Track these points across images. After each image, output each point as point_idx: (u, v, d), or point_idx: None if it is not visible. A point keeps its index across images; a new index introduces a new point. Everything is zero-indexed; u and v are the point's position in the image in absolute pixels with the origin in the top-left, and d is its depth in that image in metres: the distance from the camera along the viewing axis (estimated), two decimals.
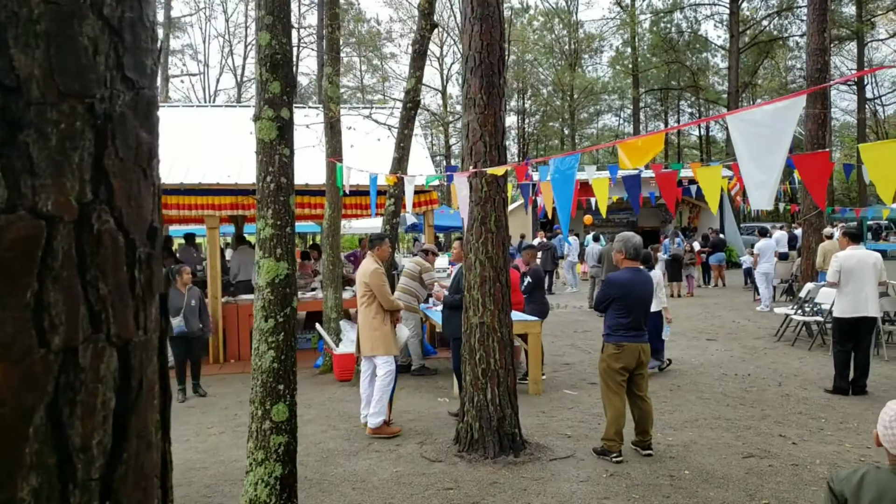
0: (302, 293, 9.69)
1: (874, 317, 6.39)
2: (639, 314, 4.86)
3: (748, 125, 2.58)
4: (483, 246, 4.86)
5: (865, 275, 6.34)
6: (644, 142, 3.42)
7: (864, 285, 6.32)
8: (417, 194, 9.24)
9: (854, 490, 2.04)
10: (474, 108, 4.91)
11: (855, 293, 6.32)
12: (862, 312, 6.30)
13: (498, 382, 4.79)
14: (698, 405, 6.25)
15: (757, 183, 2.61)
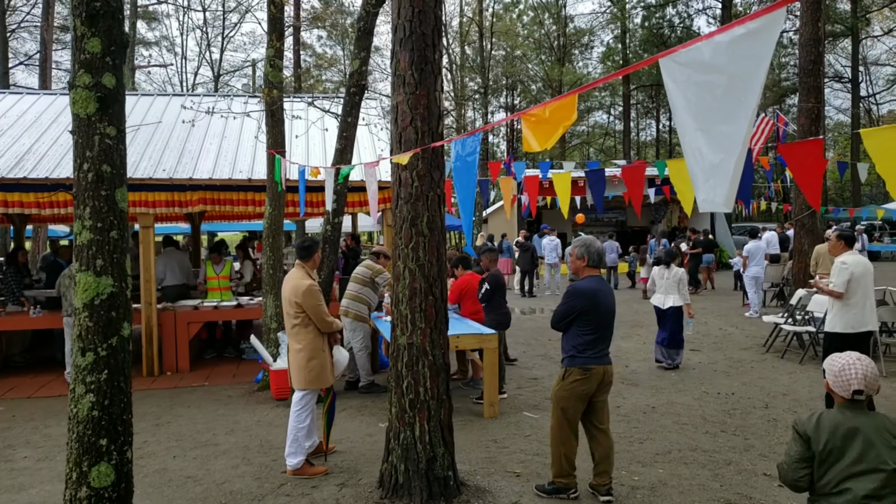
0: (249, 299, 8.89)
1: (875, 330, 5.65)
2: (606, 330, 4.10)
3: (692, 71, 1.70)
4: (413, 252, 4.07)
5: (870, 284, 5.59)
6: (553, 110, 2.62)
7: (869, 295, 5.58)
8: (381, 190, 8.44)
9: (814, 428, 2.47)
10: (404, 87, 4.12)
11: (862, 305, 5.55)
12: (868, 326, 5.55)
13: (429, 416, 4.01)
14: (674, 432, 5.49)
15: (708, 168, 1.74)
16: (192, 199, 7.99)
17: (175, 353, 8.17)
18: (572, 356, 4.04)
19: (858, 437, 2.40)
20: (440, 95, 4.19)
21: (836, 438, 2.41)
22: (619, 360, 8.45)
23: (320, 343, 4.55)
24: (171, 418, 6.15)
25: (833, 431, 2.42)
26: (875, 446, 2.38)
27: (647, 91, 38.40)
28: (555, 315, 4.13)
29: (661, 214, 27.39)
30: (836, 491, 2.39)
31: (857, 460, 2.37)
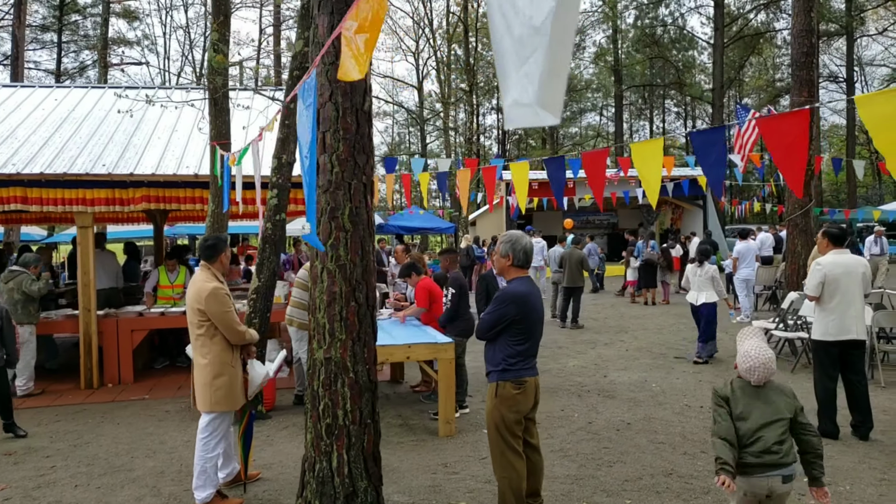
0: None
1: (864, 340, 5.04)
2: (537, 337, 3.56)
3: None
4: (332, 250, 3.47)
5: (853, 287, 4.98)
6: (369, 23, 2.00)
7: (853, 300, 4.97)
8: None
9: (730, 393, 2.94)
10: (323, 57, 3.52)
11: (842, 311, 4.96)
12: (850, 335, 4.96)
13: (348, 444, 3.40)
14: (649, 453, 4.89)
15: (515, 53, 1.11)
16: (134, 196, 7.37)
17: (117, 363, 7.54)
18: (504, 369, 3.47)
19: (762, 396, 2.89)
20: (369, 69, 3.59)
21: (746, 398, 2.90)
22: (598, 370, 7.86)
23: (229, 357, 3.93)
24: (92, 438, 5.52)
25: (743, 394, 2.91)
26: (775, 402, 2.87)
27: (639, 92, 37.93)
28: (482, 323, 3.56)
29: (653, 216, 26.86)
30: (751, 441, 2.81)
31: (764, 414, 2.84)
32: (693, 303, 8.21)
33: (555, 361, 8.46)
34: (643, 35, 34.72)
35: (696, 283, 8.22)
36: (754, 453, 2.77)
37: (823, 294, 5.05)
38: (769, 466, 2.76)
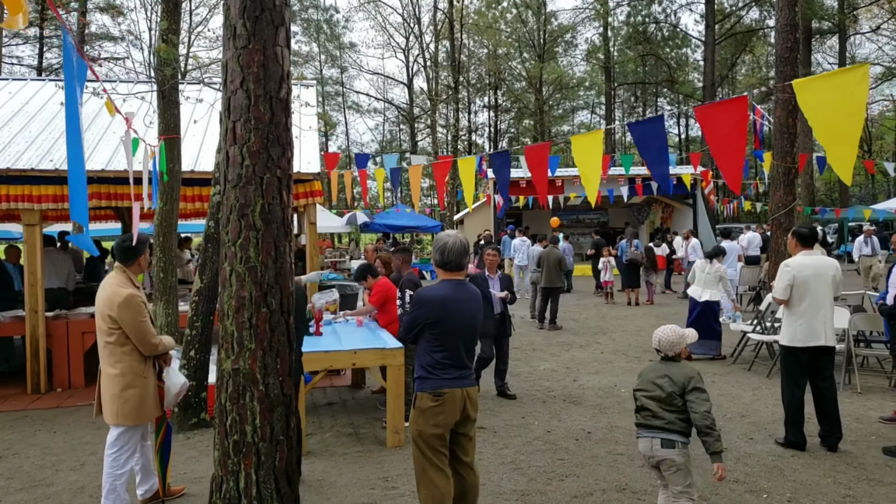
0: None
1: (832, 345, 4.77)
2: (461, 346, 3.26)
3: None
4: (242, 251, 3.18)
5: (823, 290, 4.71)
6: None
7: (822, 304, 4.69)
8: (295, 184, 7.55)
9: (641, 376, 3.46)
10: (234, 40, 3.24)
11: (811, 315, 4.69)
12: (819, 341, 4.69)
13: (257, 462, 3.11)
14: (605, 465, 4.61)
15: None
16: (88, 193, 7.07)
17: (68, 366, 7.24)
18: (422, 377, 3.23)
19: (658, 375, 3.34)
20: (284, 52, 3.31)
21: (649, 375, 3.40)
22: (568, 374, 7.59)
23: (141, 367, 3.64)
24: (22, 448, 5.23)
25: (642, 377, 3.44)
26: (668, 378, 3.29)
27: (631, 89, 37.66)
28: (401, 326, 3.32)
29: (643, 215, 26.62)
30: (644, 406, 3.33)
31: (654, 386, 3.31)
32: (696, 298, 8.23)
33: (526, 364, 8.19)
34: (635, 32, 34.45)
35: (703, 279, 8.25)
36: (647, 413, 3.33)
37: (792, 297, 4.79)
38: (651, 428, 3.29)
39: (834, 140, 2.08)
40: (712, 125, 2.54)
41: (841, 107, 2.06)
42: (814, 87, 2.17)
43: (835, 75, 2.15)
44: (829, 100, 2.09)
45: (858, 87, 2.18)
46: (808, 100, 2.18)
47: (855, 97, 2.12)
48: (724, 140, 2.49)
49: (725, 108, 2.51)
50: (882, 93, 39.46)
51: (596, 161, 3.23)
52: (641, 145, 2.92)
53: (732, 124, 2.48)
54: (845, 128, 2.04)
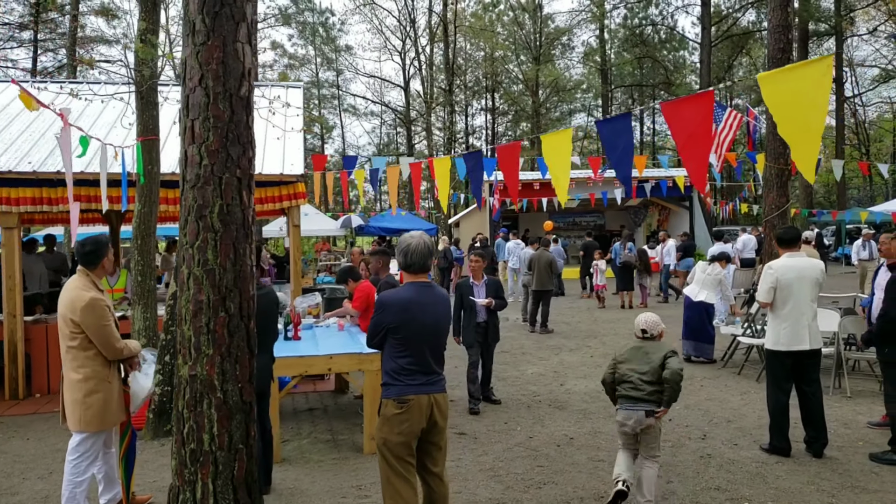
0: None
1: (818, 349, 4.66)
2: (427, 349, 3.17)
3: None
4: (199, 253, 3.09)
5: (806, 293, 4.61)
6: None
7: (806, 307, 4.60)
8: (277, 186, 7.46)
9: (621, 352, 3.96)
10: (193, 36, 3.15)
11: (795, 318, 4.59)
12: (803, 344, 4.58)
13: (215, 472, 3.01)
14: (584, 472, 4.51)
15: None
16: (63, 196, 6.98)
17: (47, 371, 7.14)
18: (387, 384, 3.15)
19: (641, 351, 3.85)
20: (245, 49, 3.22)
21: (629, 352, 3.91)
22: (556, 378, 7.49)
23: (106, 372, 3.54)
24: None
25: (634, 351, 3.89)
26: (649, 353, 3.80)
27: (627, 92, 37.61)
28: (367, 331, 3.23)
29: (640, 218, 26.54)
30: (625, 378, 3.82)
31: (636, 360, 3.82)
32: (691, 296, 8.19)
33: (514, 368, 8.09)
34: (632, 35, 34.41)
35: (702, 279, 8.24)
36: (629, 385, 3.79)
37: (776, 300, 4.69)
38: (635, 399, 3.76)
39: (797, 135, 1.99)
40: (679, 121, 2.45)
41: (804, 100, 1.97)
42: (778, 80, 2.09)
43: (798, 68, 2.06)
44: (792, 93, 2.00)
45: (822, 80, 2.08)
46: (772, 93, 2.09)
47: (818, 90, 2.02)
48: (690, 136, 2.40)
49: (691, 104, 2.42)
50: (880, 95, 39.42)
51: (565, 160, 3.14)
52: (608, 144, 2.84)
53: (699, 120, 2.39)
54: (808, 122, 1.95)
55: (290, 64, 32.80)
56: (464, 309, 6.23)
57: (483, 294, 6.33)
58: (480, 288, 6.37)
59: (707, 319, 8.14)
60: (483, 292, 6.34)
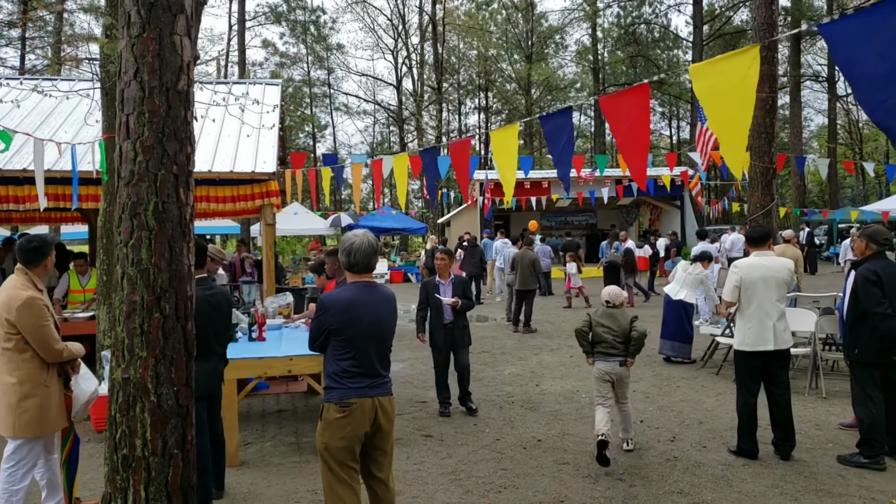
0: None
1: (785, 349, 4.58)
2: (372, 351, 3.09)
3: None
4: (133, 252, 2.99)
5: (772, 293, 4.53)
6: None
7: (771, 307, 4.52)
8: (249, 184, 7.37)
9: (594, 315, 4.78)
10: (128, 28, 3.05)
11: (760, 318, 4.52)
12: (768, 345, 4.50)
13: (147, 478, 2.91)
14: (548, 476, 4.42)
15: None
16: (30, 194, 6.88)
17: None
18: (329, 387, 3.08)
19: (611, 317, 4.73)
20: (184, 42, 3.12)
21: (601, 316, 4.78)
22: (532, 378, 7.41)
23: (42, 376, 3.44)
24: None
25: (604, 317, 4.75)
26: (617, 318, 4.71)
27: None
28: (309, 333, 3.15)
29: (632, 217, 26.48)
30: (601, 339, 4.70)
31: (608, 323, 4.69)
32: (671, 295, 8.12)
33: (492, 369, 8.00)
34: (625, 34, 34.35)
35: (683, 278, 8.17)
36: (605, 344, 4.70)
37: (741, 300, 4.61)
38: (611, 355, 4.70)
39: (726, 128, 1.91)
40: (617, 115, 2.37)
41: (732, 92, 1.88)
42: (708, 72, 2.00)
43: (726, 59, 1.98)
44: (721, 85, 1.92)
45: (749, 71, 2.00)
46: (703, 86, 2.01)
47: (745, 81, 1.94)
48: (628, 130, 2.31)
49: (628, 97, 2.33)
50: None
51: (512, 156, 3.06)
52: (550, 140, 2.75)
53: (636, 114, 2.30)
54: (736, 114, 1.87)
55: (281, 62, 32.67)
56: (430, 308, 6.07)
57: (449, 293, 6.02)
58: (447, 287, 6.07)
59: (685, 319, 8.07)
60: (449, 291, 6.04)
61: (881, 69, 1.99)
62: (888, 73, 1.98)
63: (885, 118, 1.99)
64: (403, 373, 7.81)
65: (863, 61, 2.03)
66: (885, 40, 2.02)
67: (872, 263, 4.41)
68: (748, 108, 1.95)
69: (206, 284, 3.90)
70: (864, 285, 4.35)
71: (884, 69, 1.99)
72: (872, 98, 2.02)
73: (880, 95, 1.98)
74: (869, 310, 4.30)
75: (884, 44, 2.00)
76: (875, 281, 4.31)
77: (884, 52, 2.00)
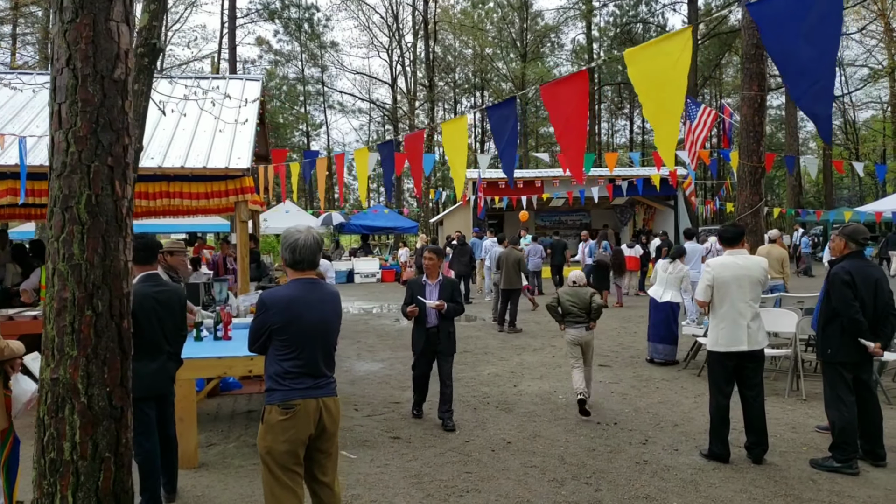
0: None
1: (759, 350, 4.47)
2: (316, 351, 2.98)
3: None
4: (65, 247, 2.87)
5: (744, 293, 4.41)
6: None
7: (744, 308, 4.40)
8: (223, 180, 7.24)
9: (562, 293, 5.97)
10: (60, 13, 2.93)
11: (732, 318, 4.40)
12: (740, 346, 4.39)
13: (76, 483, 2.79)
14: (513, 479, 4.30)
15: None
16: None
17: None
18: (270, 389, 2.97)
19: (576, 294, 5.83)
20: (121, 28, 2.99)
21: (568, 293, 5.92)
22: (511, 379, 7.29)
23: None
24: None
25: (571, 293, 5.91)
26: (580, 294, 5.84)
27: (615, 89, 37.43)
28: (248, 334, 3.03)
29: (626, 217, 26.37)
30: (569, 311, 5.82)
31: (574, 299, 5.81)
32: (656, 298, 8.05)
33: (472, 369, 7.88)
34: (621, 33, 34.26)
35: (665, 279, 8.09)
36: (572, 315, 5.78)
37: (713, 299, 4.50)
38: (578, 322, 5.80)
39: (659, 114, 1.80)
40: (556, 105, 2.25)
41: (665, 77, 1.77)
42: (641, 56, 1.89)
43: (660, 42, 1.87)
44: (654, 70, 1.81)
45: (682, 55, 1.89)
46: (637, 72, 1.90)
47: (677, 66, 1.83)
48: (567, 120, 2.19)
49: (567, 85, 2.22)
50: (869, 95, 39.33)
51: (462, 148, 2.94)
52: (495, 131, 2.64)
53: (575, 103, 2.19)
54: (668, 99, 1.76)
55: (275, 60, 32.53)
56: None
57: (435, 295, 5.52)
58: (433, 288, 5.56)
59: (673, 319, 7.96)
60: (435, 293, 5.53)
61: (807, 53, 1.88)
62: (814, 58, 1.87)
63: (812, 104, 1.89)
64: (382, 372, 7.69)
65: (791, 44, 1.92)
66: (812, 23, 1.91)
67: (848, 263, 4.30)
68: (680, 92, 1.85)
69: (154, 281, 3.78)
70: (837, 285, 4.24)
71: (810, 53, 1.88)
72: (799, 84, 1.92)
73: (807, 81, 1.88)
74: (839, 310, 4.20)
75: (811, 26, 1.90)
76: (848, 281, 4.20)
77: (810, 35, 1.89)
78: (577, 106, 2.18)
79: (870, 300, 4.24)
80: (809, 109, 1.93)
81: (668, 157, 2.03)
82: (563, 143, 2.29)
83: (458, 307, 5.57)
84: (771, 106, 42.17)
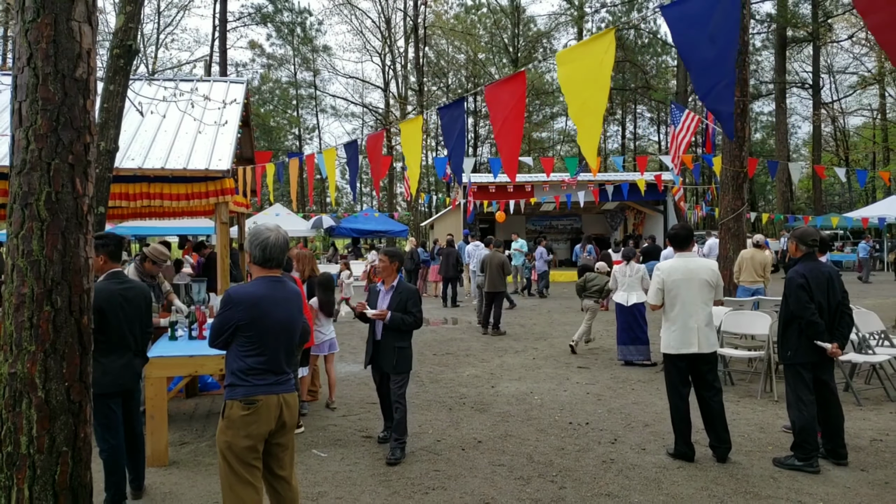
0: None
1: (710, 353, 4.52)
2: (279, 349, 3.02)
3: None
4: (24, 243, 2.90)
5: (694, 295, 4.48)
6: None
7: (694, 310, 4.47)
8: (203, 181, 7.28)
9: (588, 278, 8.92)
10: (22, 13, 2.98)
11: (683, 321, 4.47)
12: (692, 348, 4.46)
13: (32, 476, 2.82)
14: (479, 477, 4.35)
15: None
16: None
17: None
18: (232, 384, 2.99)
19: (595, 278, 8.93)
20: (83, 28, 3.04)
21: (592, 277, 8.95)
22: (490, 380, 7.33)
23: None
24: None
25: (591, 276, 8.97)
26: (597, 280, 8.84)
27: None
28: (210, 330, 3.06)
29: (616, 222, 26.50)
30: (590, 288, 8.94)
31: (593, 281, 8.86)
32: (623, 303, 8.14)
33: (452, 371, 7.92)
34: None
35: (626, 283, 8.20)
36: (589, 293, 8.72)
37: (665, 302, 4.57)
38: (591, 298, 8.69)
39: (582, 116, 1.85)
40: (497, 105, 2.31)
41: (590, 77, 1.83)
42: (569, 57, 1.95)
43: (586, 44, 1.93)
44: (580, 71, 1.87)
45: (606, 56, 1.95)
46: (565, 72, 1.96)
47: (601, 67, 1.89)
48: (505, 120, 2.25)
49: (506, 86, 2.27)
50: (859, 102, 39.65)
51: (417, 149, 3.00)
52: (445, 132, 2.70)
53: (513, 103, 2.24)
54: (592, 98, 1.82)
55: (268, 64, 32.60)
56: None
57: (387, 302, 4.71)
58: (386, 295, 4.76)
59: (640, 320, 8.04)
60: (387, 301, 4.72)
61: (712, 53, 1.96)
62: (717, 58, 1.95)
63: (715, 102, 1.96)
64: (362, 374, 7.72)
65: (697, 45, 1.99)
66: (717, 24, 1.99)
67: (801, 266, 4.38)
68: (603, 93, 1.91)
69: (120, 279, 3.81)
70: (793, 289, 4.32)
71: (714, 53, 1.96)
72: (705, 83, 1.99)
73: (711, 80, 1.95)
74: (796, 312, 4.27)
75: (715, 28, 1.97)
76: (803, 284, 4.28)
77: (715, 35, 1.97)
78: (515, 105, 2.24)
79: (825, 300, 4.32)
80: (713, 107, 2.00)
81: (591, 156, 2.09)
82: (500, 141, 2.34)
83: (409, 318, 4.62)
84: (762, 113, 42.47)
